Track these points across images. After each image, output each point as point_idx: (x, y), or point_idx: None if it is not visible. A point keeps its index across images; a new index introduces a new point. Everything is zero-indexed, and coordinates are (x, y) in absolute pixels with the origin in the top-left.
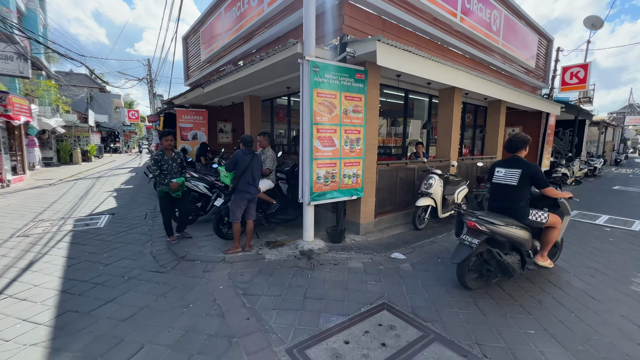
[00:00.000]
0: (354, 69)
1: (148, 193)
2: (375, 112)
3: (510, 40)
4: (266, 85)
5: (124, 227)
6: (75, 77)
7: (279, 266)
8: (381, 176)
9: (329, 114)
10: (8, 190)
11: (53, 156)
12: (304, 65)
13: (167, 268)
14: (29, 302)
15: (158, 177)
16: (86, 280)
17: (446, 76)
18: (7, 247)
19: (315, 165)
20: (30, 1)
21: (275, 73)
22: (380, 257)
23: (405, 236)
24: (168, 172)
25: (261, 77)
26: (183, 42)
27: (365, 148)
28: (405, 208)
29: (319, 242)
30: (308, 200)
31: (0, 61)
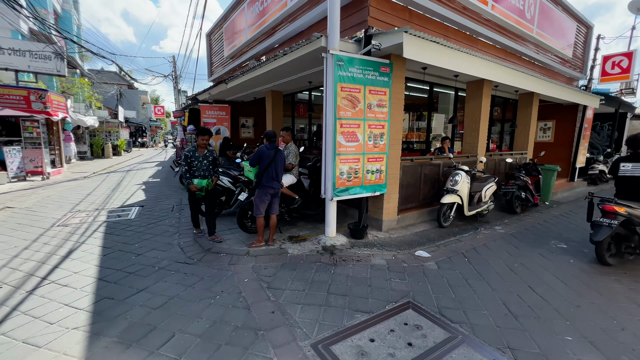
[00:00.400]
0: (379, 62)
1: (174, 186)
2: (400, 107)
3: (546, 28)
4: (288, 80)
5: (152, 219)
6: (106, 74)
7: (302, 261)
8: (405, 172)
9: (352, 108)
10: (48, 182)
11: (87, 150)
12: (327, 59)
13: (194, 260)
14: (69, 287)
15: (186, 173)
16: (120, 269)
17: (476, 68)
18: (49, 236)
19: (338, 161)
20: (65, 2)
21: (298, 68)
22: (404, 255)
23: (429, 234)
24: (197, 168)
25: (284, 72)
26: (207, 39)
27: (389, 143)
28: (430, 205)
29: (341, 237)
30: (331, 196)
31: (40, 61)
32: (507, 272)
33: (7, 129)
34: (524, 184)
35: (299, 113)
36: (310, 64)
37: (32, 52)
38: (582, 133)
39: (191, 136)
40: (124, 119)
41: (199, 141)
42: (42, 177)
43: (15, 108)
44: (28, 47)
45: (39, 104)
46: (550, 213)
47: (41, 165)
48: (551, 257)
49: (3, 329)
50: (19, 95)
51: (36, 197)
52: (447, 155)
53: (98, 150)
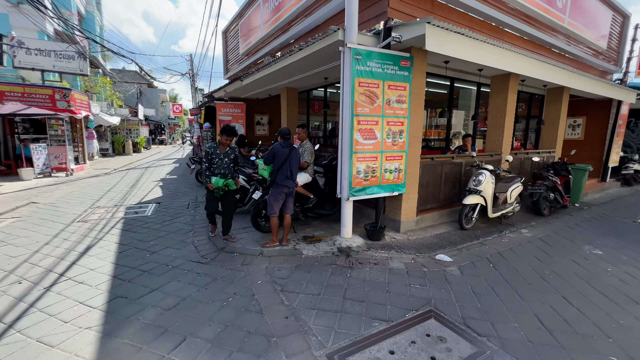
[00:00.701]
0: (399, 56)
1: (190, 184)
2: (421, 103)
3: (578, 17)
4: (303, 76)
5: (168, 216)
6: (127, 73)
7: (317, 263)
8: (425, 171)
9: (370, 104)
10: (71, 178)
11: (108, 147)
12: (345, 53)
13: (208, 259)
14: (85, 285)
15: (204, 172)
16: (134, 267)
17: (503, 61)
18: (69, 232)
19: (355, 159)
20: (88, 4)
21: (314, 63)
22: (424, 258)
23: (450, 236)
24: (217, 166)
25: (299, 68)
26: (223, 36)
27: (408, 141)
28: (450, 205)
29: (357, 239)
30: (347, 196)
31: (64, 61)
32: (538, 280)
33: (35, 127)
34: (552, 185)
35: (314, 110)
36: (327, 59)
37: (56, 52)
38: (615, 130)
39: (207, 134)
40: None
41: (222, 140)
42: (66, 173)
43: (41, 107)
44: (52, 47)
45: (63, 102)
46: (582, 216)
47: (65, 162)
48: (586, 265)
49: (19, 326)
50: (45, 94)
51: (59, 192)
52: (469, 153)
53: (119, 147)
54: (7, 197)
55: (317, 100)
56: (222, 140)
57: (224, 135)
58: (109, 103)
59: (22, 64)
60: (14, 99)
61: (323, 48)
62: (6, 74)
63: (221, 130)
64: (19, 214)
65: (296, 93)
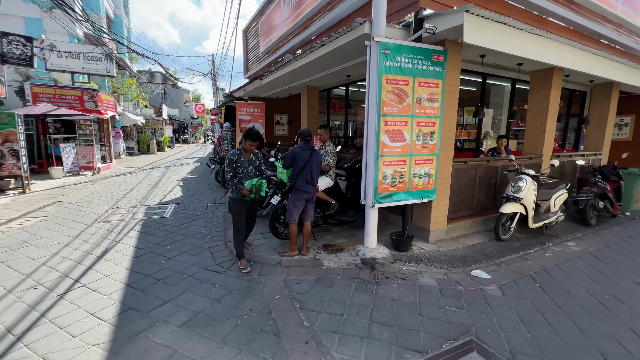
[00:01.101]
0: (431, 50)
1: (209, 184)
2: (454, 101)
3: (633, 4)
4: (325, 74)
5: (186, 219)
6: (152, 74)
7: (339, 276)
8: (457, 176)
9: (399, 103)
10: (97, 177)
11: (134, 146)
12: (371, 47)
13: (224, 268)
14: (98, 293)
15: (231, 180)
16: (149, 274)
17: (550, 53)
18: (89, 233)
19: (381, 163)
20: (117, 8)
21: (337, 60)
22: (458, 274)
23: (485, 248)
24: (243, 175)
25: (321, 65)
26: (243, 35)
27: (440, 143)
28: (484, 213)
29: (382, 249)
30: (372, 203)
31: (92, 62)
32: (596, 306)
33: (65, 127)
34: (601, 191)
35: (335, 109)
36: (350, 55)
37: (85, 54)
38: None
39: (227, 133)
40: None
41: (246, 145)
42: (93, 172)
43: (70, 107)
44: (81, 49)
45: (91, 103)
46: (636, 227)
47: (92, 161)
48: None
49: (28, 340)
50: (74, 96)
51: (85, 191)
52: (506, 156)
53: (144, 146)
54: (37, 196)
55: (338, 99)
56: (246, 146)
57: (248, 140)
58: (135, 103)
59: (54, 66)
60: (46, 100)
61: (347, 43)
62: (40, 77)
63: (244, 135)
64: (45, 213)
65: (317, 92)
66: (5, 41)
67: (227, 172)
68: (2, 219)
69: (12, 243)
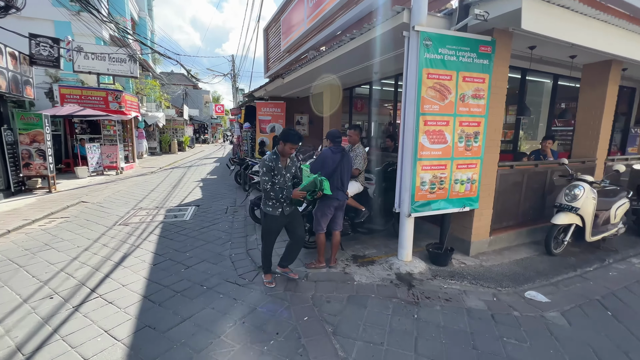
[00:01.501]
0: (478, 40)
1: (229, 185)
2: (501, 98)
3: None
4: (350, 71)
5: (206, 222)
6: (174, 76)
7: (373, 294)
8: (502, 182)
9: (440, 101)
10: (120, 177)
11: (156, 146)
12: (410, 38)
13: (246, 280)
14: (114, 307)
15: (269, 192)
16: (167, 285)
17: (613, 43)
18: (109, 236)
19: (419, 167)
20: (141, 10)
21: (366, 55)
22: (510, 295)
23: (535, 263)
24: (280, 186)
25: (347, 62)
26: (264, 34)
27: (484, 145)
28: (530, 223)
29: (418, 263)
30: (408, 211)
31: (117, 64)
32: None
33: (91, 127)
34: None
35: (357, 108)
36: (383, 49)
37: (110, 56)
38: None
39: (247, 134)
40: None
41: (285, 149)
42: (116, 172)
43: (95, 108)
44: (106, 50)
45: (115, 103)
46: None
47: (116, 161)
48: None
49: None
50: (99, 96)
51: (108, 191)
52: (556, 160)
53: (166, 146)
54: (62, 196)
55: (361, 98)
56: (286, 149)
57: (288, 143)
58: (158, 104)
59: (81, 67)
60: (73, 101)
61: (382, 35)
62: (68, 78)
63: (283, 137)
64: (68, 214)
65: (340, 90)
66: (33, 43)
67: (263, 182)
68: (26, 220)
69: (33, 246)
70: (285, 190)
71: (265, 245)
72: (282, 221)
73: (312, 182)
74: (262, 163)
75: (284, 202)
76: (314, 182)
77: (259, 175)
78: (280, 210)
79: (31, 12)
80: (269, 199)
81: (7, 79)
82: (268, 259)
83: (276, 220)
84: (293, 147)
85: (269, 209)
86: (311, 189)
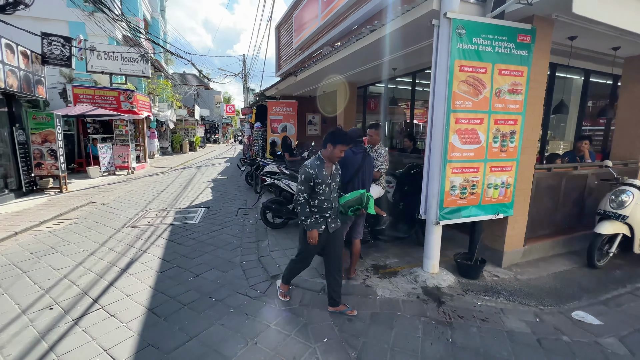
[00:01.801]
0: (517, 29)
1: (239, 186)
2: (540, 94)
3: None
4: (366, 68)
5: (216, 225)
6: (186, 76)
7: (399, 311)
8: (537, 186)
9: (474, 96)
10: (131, 177)
11: (168, 146)
12: (441, 27)
13: (258, 292)
14: (116, 320)
15: (300, 205)
16: (174, 296)
17: None
18: (117, 239)
19: (449, 170)
20: (154, 11)
21: (386, 49)
22: (554, 316)
23: (577, 277)
24: (326, 197)
25: (365, 57)
26: (276, 32)
27: (521, 146)
28: (567, 232)
29: (446, 275)
30: (435, 219)
31: (129, 64)
32: None
33: (104, 127)
34: None
35: (370, 108)
36: (406, 41)
37: (122, 55)
38: None
39: (258, 133)
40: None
41: (335, 152)
42: (128, 172)
43: (107, 108)
44: (118, 50)
45: (127, 103)
46: None
47: (127, 161)
48: None
49: None
50: (111, 96)
51: (118, 192)
52: (597, 162)
53: (177, 146)
54: (72, 196)
55: (374, 96)
56: (336, 153)
57: (338, 145)
58: (169, 104)
59: (94, 67)
60: (86, 101)
61: (406, 25)
62: (82, 79)
63: (332, 138)
64: (77, 215)
65: (355, 88)
66: (45, 42)
67: (298, 191)
68: (35, 221)
69: (39, 249)
70: (333, 202)
71: (301, 265)
72: (324, 239)
73: (358, 197)
74: (303, 170)
75: (329, 217)
76: (359, 198)
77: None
78: (325, 227)
79: (46, 13)
80: (310, 213)
81: (19, 78)
82: (294, 275)
83: (319, 238)
84: (344, 150)
85: (310, 224)
86: (355, 205)
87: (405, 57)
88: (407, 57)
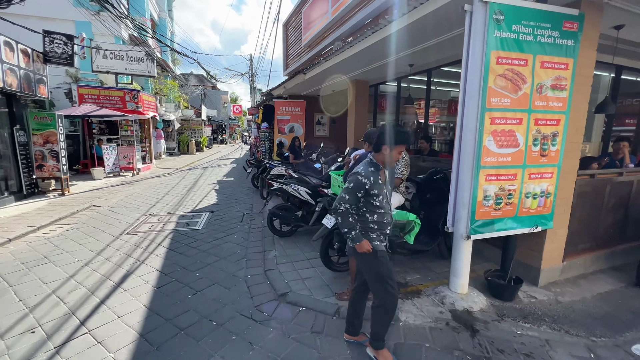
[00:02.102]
0: (562, 15)
1: (246, 188)
2: (586, 90)
3: None
4: (380, 64)
5: (220, 232)
6: (193, 77)
7: (427, 343)
8: (579, 195)
9: (513, 92)
10: (136, 178)
11: (175, 147)
12: (475, 13)
13: (264, 313)
14: (102, 349)
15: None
16: (170, 318)
17: None
18: (114, 247)
19: (482, 177)
20: (161, 11)
21: (407, 41)
22: (610, 350)
23: (626, 299)
24: (385, 211)
25: (380, 52)
26: (283, 29)
27: (563, 149)
28: (610, 245)
29: (476, 296)
30: (466, 232)
31: (135, 63)
32: None
33: (110, 128)
34: None
35: (380, 107)
36: (426, 33)
37: (127, 55)
38: None
39: (265, 134)
40: (206, 118)
41: (394, 155)
42: (133, 173)
43: (113, 108)
44: (123, 49)
45: (132, 103)
46: None
47: (132, 162)
48: None
49: None
50: (117, 96)
51: (121, 194)
52: None
53: (184, 146)
54: (74, 199)
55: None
56: (394, 156)
57: (397, 146)
58: (176, 104)
59: (100, 67)
60: (91, 101)
61: (432, 12)
62: (88, 79)
63: (388, 138)
64: (76, 220)
65: (367, 87)
66: (47, 40)
67: (340, 202)
68: (31, 227)
69: (31, 259)
70: (386, 217)
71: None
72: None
73: (407, 223)
74: (354, 177)
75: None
76: (408, 224)
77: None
78: (386, 245)
79: (53, 12)
80: (355, 224)
81: (19, 77)
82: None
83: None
84: (400, 150)
85: (376, 243)
86: (398, 230)
87: (423, 51)
88: (425, 51)
